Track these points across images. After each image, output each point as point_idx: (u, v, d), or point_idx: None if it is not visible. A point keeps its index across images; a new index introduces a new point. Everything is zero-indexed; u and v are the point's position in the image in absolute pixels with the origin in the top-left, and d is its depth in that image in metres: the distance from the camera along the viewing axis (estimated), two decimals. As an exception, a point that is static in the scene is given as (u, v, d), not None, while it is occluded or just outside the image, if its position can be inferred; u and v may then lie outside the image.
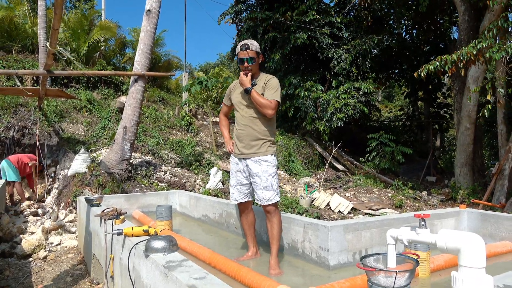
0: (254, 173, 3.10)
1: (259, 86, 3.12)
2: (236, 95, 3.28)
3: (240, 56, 3.10)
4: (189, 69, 29.45)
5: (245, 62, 3.07)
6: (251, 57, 3.07)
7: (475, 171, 9.67)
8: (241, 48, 3.10)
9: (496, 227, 3.60)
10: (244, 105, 3.18)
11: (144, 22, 6.89)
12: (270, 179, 3.06)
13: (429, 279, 2.72)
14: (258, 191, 3.08)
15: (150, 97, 13.18)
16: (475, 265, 1.42)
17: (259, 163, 3.08)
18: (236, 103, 3.27)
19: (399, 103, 27.34)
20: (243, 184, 3.22)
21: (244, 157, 3.15)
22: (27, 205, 6.97)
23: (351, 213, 6.83)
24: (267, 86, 3.11)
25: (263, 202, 3.06)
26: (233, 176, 3.28)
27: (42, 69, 6.70)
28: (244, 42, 3.12)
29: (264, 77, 3.18)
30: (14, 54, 11.74)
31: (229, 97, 3.39)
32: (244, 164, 3.17)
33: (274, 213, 3.08)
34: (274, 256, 3.01)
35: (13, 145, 8.29)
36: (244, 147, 3.15)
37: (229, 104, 3.43)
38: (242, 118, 3.18)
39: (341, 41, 12.59)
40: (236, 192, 3.25)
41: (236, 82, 3.34)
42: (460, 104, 9.50)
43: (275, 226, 3.06)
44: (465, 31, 9.28)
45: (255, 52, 3.11)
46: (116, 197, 5.27)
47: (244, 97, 3.17)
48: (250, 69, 3.10)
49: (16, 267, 4.25)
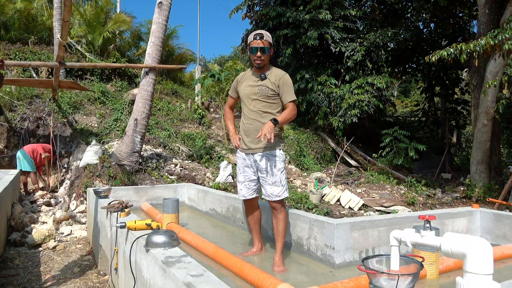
0: (262, 168, 3.02)
1: (270, 81, 3.02)
2: (244, 88, 3.15)
3: (253, 45, 2.97)
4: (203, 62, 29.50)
5: (258, 52, 2.95)
6: (265, 46, 2.95)
7: (491, 169, 9.43)
8: (255, 37, 2.97)
9: (510, 228, 3.48)
10: (252, 99, 3.07)
11: (156, 15, 6.88)
12: (278, 174, 2.99)
13: (438, 280, 2.64)
14: (267, 186, 3.00)
15: (163, 89, 13.22)
16: (481, 271, 1.34)
17: (268, 158, 3.01)
18: (243, 96, 3.15)
19: (415, 98, 26.86)
20: (251, 180, 3.14)
21: (252, 152, 3.06)
22: (40, 195, 7.08)
23: (362, 209, 6.73)
24: (283, 85, 3.00)
25: (271, 198, 2.98)
26: (240, 172, 3.18)
27: (55, 61, 6.76)
28: (258, 31, 3.01)
29: (275, 72, 3.07)
30: (30, 46, 11.91)
31: (236, 89, 3.26)
32: (251, 159, 3.09)
33: (281, 209, 3.01)
34: (278, 253, 2.95)
35: (28, 136, 8.44)
36: (251, 142, 3.05)
37: (235, 96, 3.32)
38: (250, 112, 3.08)
39: (355, 34, 12.37)
40: (244, 188, 3.16)
41: (244, 74, 3.24)
42: (478, 100, 9.24)
43: (280, 223, 3.00)
44: (485, 25, 8.99)
45: (269, 43, 2.99)
46: (125, 189, 5.30)
47: (253, 91, 3.06)
48: (262, 59, 2.98)
49: (26, 256, 4.31)
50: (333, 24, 11.79)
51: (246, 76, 3.19)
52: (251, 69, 3.18)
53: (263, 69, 3.05)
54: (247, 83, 3.13)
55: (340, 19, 12.04)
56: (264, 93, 3.02)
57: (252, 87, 3.07)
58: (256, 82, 3.06)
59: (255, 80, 3.08)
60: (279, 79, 3.01)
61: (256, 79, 3.08)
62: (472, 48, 6.42)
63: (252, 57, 3.02)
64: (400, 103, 27.60)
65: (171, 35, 17.63)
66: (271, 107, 3.03)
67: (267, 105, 3.03)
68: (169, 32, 16.98)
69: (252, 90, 3.06)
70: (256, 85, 3.05)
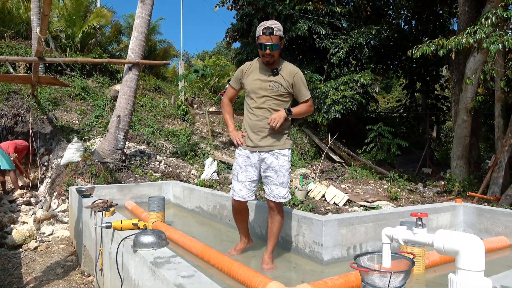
0: (270, 167, 2.81)
1: (283, 77, 2.81)
2: (251, 81, 2.86)
3: (263, 41, 2.69)
4: (186, 57, 29.19)
5: (267, 49, 2.68)
6: (275, 43, 2.68)
7: (471, 163, 9.66)
8: (264, 32, 2.68)
9: (492, 222, 3.56)
10: (261, 95, 2.81)
11: (139, 9, 6.74)
12: (286, 174, 2.83)
13: (424, 275, 2.68)
14: (273, 186, 2.81)
15: (145, 85, 13.01)
16: (473, 268, 1.36)
17: (277, 157, 2.81)
18: (251, 90, 2.87)
19: (396, 94, 27.28)
20: (252, 181, 2.89)
21: (260, 149, 2.83)
22: (19, 194, 6.88)
23: (346, 205, 6.80)
24: (298, 82, 2.82)
25: (277, 199, 2.80)
26: (242, 171, 2.89)
27: (34, 55, 6.55)
28: (267, 24, 2.71)
29: (288, 67, 2.85)
30: (7, 40, 11.52)
31: (240, 81, 2.97)
32: (257, 158, 2.86)
33: (280, 210, 2.87)
34: (269, 252, 2.88)
35: (5, 133, 8.17)
36: (260, 140, 2.82)
37: (237, 88, 3.04)
38: (259, 109, 2.83)
39: (340, 32, 12.44)
40: (244, 189, 2.88)
41: (250, 65, 2.94)
42: (458, 96, 9.43)
43: (276, 224, 2.88)
44: (464, 22, 9.16)
45: (279, 37, 2.71)
46: (108, 188, 5.20)
47: (263, 86, 2.81)
48: (272, 56, 2.73)
49: (6, 258, 4.19)
50: (318, 20, 11.83)
51: (254, 68, 2.91)
52: (259, 60, 2.91)
53: (274, 64, 2.81)
54: (256, 77, 2.86)
55: (326, 16, 12.08)
56: (276, 91, 2.80)
57: (262, 81, 2.83)
58: (267, 77, 2.82)
59: (265, 74, 2.83)
60: (292, 76, 2.82)
61: (267, 73, 2.83)
62: (452, 45, 6.55)
63: (260, 52, 2.77)
64: (382, 99, 27.99)
65: (154, 29, 17.37)
66: (281, 105, 2.83)
67: (278, 103, 2.82)
68: (151, 26, 16.70)
69: (262, 85, 2.82)
70: (267, 80, 2.82)
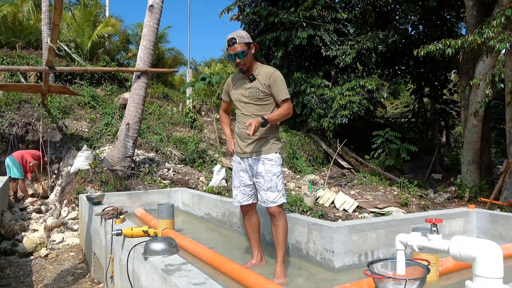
0: (257, 173, 2.88)
1: (259, 81, 2.86)
2: (235, 91, 3.00)
3: (229, 52, 2.80)
4: (193, 65, 29.38)
5: (236, 58, 2.78)
6: (241, 51, 2.76)
7: (482, 169, 9.53)
8: (228, 44, 2.79)
9: (506, 228, 3.50)
10: (244, 102, 2.92)
11: (147, 18, 6.82)
12: (274, 179, 2.85)
13: (438, 282, 2.63)
14: (262, 192, 2.88)
15: (154, 93, 13.11)
16: (491, 275, 1.32)
17: (263, 162, 2.87)
18: (235, 100, 3.01)
19: (404, 99, 27.11)
20: (246, 185, 2.99)
21: (247, 156, 2.93)
22: (30, 202, 6.94)
23: (356, 211, 6.74)
24: (274, 83, 2.84)
25: (267, 204, 2.85)
26: (236, 177, 3.05)
27: (44, 65, 6.64)
28: (230, 36, 2.79)
29: (264, 70, 2.89)
30: (18, 51, 11.72)
31: (228, 93, 3.12)
32: (246, 164, 2.97)
33: (279, 215, 2.86)
34: (280, 263, 2.79)
35: (16, 142, 8.27)
36: (246, 146, 2.93)
37: (228, 100, 3.17)
38: (243, 116, 2.94)
39: (346, 37, 12.44)
40: (240, 194, 3.01)
41: (234, 76, 3.09)
42: (468, 101, 9.35)
43: (280, 231, 2.85)
44: (472, 27, 9.09)
45: (245, 44, 2.78)
46: (118, 195, 5.22)
47: (244, 94, 2.91)
48: (243, 64, 2.82)
49: (17, 265, 4.21)
50: (324, 27, 11.84)
51: (236, 79, 3.04)
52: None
53: (249, 71, 2.89)
54: (237, 86, 2.99)
55: (331, 22, 12.10)
56: (255, 96, 2.87)
57: (243, 90, 2.93)
58: (246, 85, 2.92)
59: (244, 83, 2.93)
60: (268, 78, 2.85)
61: (245, 81, 2.93)
62: (459, 44, 6.49)
63: (233, 63, 2.90)
64: (390, 105, 27.84)
65: (161, 38, 17.54)
66: (264, 109, 2.88)
67: (260, 107, 2.88)
68: (159, 35, 16.89)
69: (243, 93, 2.92)
70: (246, 87, 2.91)
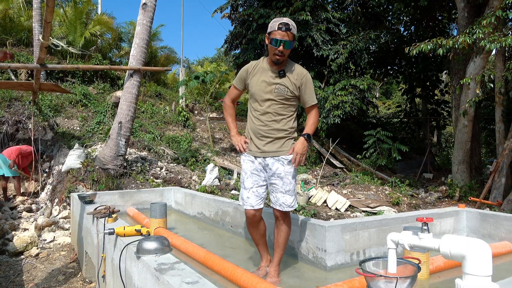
0: (276, 174, 2.64)
1: (290, 80, 2.61)
2: (256, 82, 2.66)
3: (277, 36, 2.48)
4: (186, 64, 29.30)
5: (281, 45, 2.48)
6: (290, 40, 2.50)
7: (472, 168, 9.65)
8: (279, 27, 2.48)
9: (495, 227, 3.55)
10: (266, 98, 2.62)
11: (140, 16, 6.78)
12: (293, 182, 2.68)
13: (428, 281, 2.67)
14: (279, 194, 2.64)
15: (146, 92, 13.06)
16: (481, 273, 1.35)
17: (282, 163, 2.63)
18: (255, 92, 2.67)
19: (396, 99, 27.34)
20: (260, 186, 2.70)
21: (264, 155, 2.66)
22: (20, 201, 6.87)
23: (348, 210, 6.78)
24: (306, 86, 2.64)
25: (283, 207, 2.63)
26: (247, 177, 2.71)
27: (36, 62, 6.58)
28: (284, 20, 2.51)
29: (296, 69, 2.65)
30: (8, 48, 11.58)
31: (244, 81, 2.77)
32: (262, 163, 2.69)
33: (286, 220, 2.71)
34: (275, 264, 2.74)
35: (7, 140, 8.18)
36: (265, 145, 2.66)
37: (241, 88, 2.82)
38: (264, 113, 2.64)
39: (338, 37, 12.49)
40: (253, 196, 2.67)
41: (256, 64, 2.73)
42: (459, 101, 9.45)
43: (282, 234, 2.72)
44: (464, 28, 9.18)
45: (294, 35, 2.54)
46: (110, 194, 5.19)
47: (268, 89, 2.62)
48: (283, 55, 2.53)
49: (7, 265, 4.17)
50: (316, 27, 11.86)
51: (260, 68, 2.69)
52: (264, 59, 2.71)
53: (281, 65, 2.61)
54: (261, 78, 2.65)
55: (323, 22, 12.13)
56: (282, 94, 2.61)
57: (267, 84, 2.63)
58: (272, 79, 2.62)
59: (271, 76, 2.63)
60: (300, 79, 2.63)
61: (272, 74, 2.63)
62: (451, 44, 6.59)
63: (271, 49, 2.54)
64: (382, 105, 28.06)
65: (154, 36, 17.46)
66: (287, 109, 2.66)
67: (283, 107, 2.64)
68: (152, 33, 16.79)
69: (268, 88, 2.63)
70: (272, 82, 2.62)
